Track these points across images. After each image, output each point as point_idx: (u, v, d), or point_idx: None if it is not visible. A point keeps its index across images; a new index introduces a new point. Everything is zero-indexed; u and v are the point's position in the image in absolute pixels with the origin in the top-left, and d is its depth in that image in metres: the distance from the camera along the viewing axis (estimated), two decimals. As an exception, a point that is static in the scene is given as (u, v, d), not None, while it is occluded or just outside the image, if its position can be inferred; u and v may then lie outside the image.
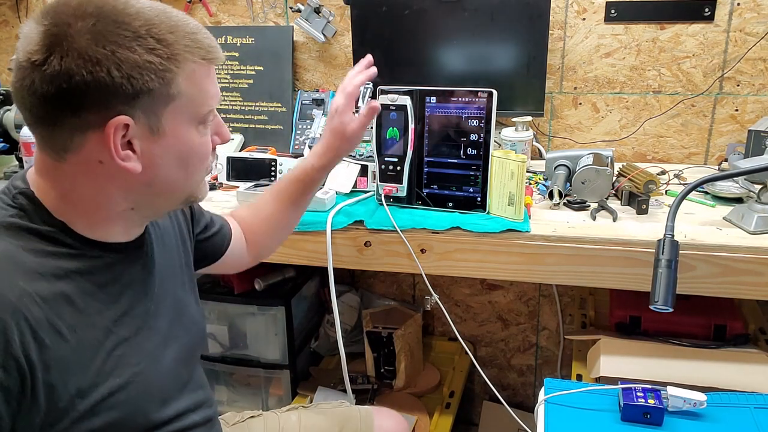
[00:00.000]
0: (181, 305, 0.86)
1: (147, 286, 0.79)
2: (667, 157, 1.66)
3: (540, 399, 1.00)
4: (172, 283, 0.85)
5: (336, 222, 1.25)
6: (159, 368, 0.78)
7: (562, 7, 1.61)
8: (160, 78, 0.66)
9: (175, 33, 0.67)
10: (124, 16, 0.65)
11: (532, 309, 1.89)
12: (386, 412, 1.22)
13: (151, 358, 0.76)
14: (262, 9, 1.83)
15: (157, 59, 0.65)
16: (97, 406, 0.69)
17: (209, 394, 0.92)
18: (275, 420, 1.14)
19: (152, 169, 0.70)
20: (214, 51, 0.72)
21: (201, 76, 0.70)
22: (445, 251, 1.21)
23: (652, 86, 1.61)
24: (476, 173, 1.26)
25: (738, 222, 1.16)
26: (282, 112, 1.82)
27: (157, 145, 0.69)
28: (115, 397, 0.70)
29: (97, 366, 0.69)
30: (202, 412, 0.87)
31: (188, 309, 0.88)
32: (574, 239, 1.15)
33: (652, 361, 1.19)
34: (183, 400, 0.83)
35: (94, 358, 0.69)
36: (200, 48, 0.70)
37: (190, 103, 0.70)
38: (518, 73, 1.58)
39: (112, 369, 0.71)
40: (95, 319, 0.70)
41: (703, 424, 0.93)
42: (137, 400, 0.73)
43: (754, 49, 1.52)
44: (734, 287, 1.11)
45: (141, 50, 0.64)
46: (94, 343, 0.70)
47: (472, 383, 1.99)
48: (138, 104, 0.66)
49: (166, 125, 0.69)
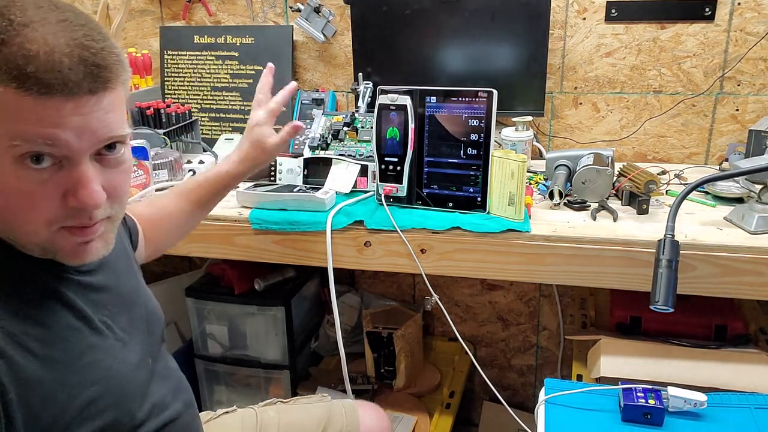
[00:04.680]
0: (134, 296, 0.83)
1: (101, 284, 0.76)
2: (668, 157, 1.66)
3: (540, 399, 1.00)
4: (125, 276, 0.83)
5: (336, 222, 1.25)
6: (129, 364, 0.76)
7: (563, 7, 1.61)
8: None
9: (1, 44, 0.56)
10: None
11: (533, 309, 1.89)
12: (368, 406, 1.21)
13: (120, 357, 0.74)
14: (261, 8, 1.83)
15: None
16: (79, 416, 0.66)
17: (180, 378, 0.90)
18: (252, 415, 1.12)
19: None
20: (42, 85, 0.56)
21: (8, 105, 0.57)
22: (445, 251, 1.21)
23: (653, 86, 1.61)
24: (476, 173, 1.26)
25: (738, 222, 1.16)
26: (282, 112, 1.81)
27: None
28: (96, 404, 0.68)
29: (72, 377, 0.67)
30: (181, 398, 0.87)
31: (140, 296, 0.85)
32: (574, 239, 1.15)
33: (652, 362, 1.19)
34: (158, 389, 0.82)
35: (66, 370, 0.66)
36: (18, 74, 0.56)
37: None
38: (518, 73, 1.57)
39: (87, 377, 0.68)
40: (59, 330, 0.67)
41: (703, 424, 0.93)
42: (119, 402, 0.72)
43: (755, 48, 1.52)
44: (735, 287, 1.10)
45: None
46: (63, 355, 0.66)
47: (472, 383, 1.99)
48: None
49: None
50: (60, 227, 0.64)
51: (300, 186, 1.38)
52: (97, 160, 0.64)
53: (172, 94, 1.89)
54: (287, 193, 1.32)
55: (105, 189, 0.64)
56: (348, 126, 1.52)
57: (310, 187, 1.36)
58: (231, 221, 1.31)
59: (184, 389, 0.89)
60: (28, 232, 0.63)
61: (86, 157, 0.62)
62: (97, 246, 0.67)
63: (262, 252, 1.32)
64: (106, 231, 0.68)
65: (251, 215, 1.29)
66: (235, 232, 1.31)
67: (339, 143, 1.53)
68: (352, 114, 1.54)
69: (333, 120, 1.56)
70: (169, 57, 1.88)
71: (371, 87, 1.61)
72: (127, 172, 0.69)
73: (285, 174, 1.44)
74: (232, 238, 1.32)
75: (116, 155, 0.65)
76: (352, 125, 1.52)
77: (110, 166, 0.65)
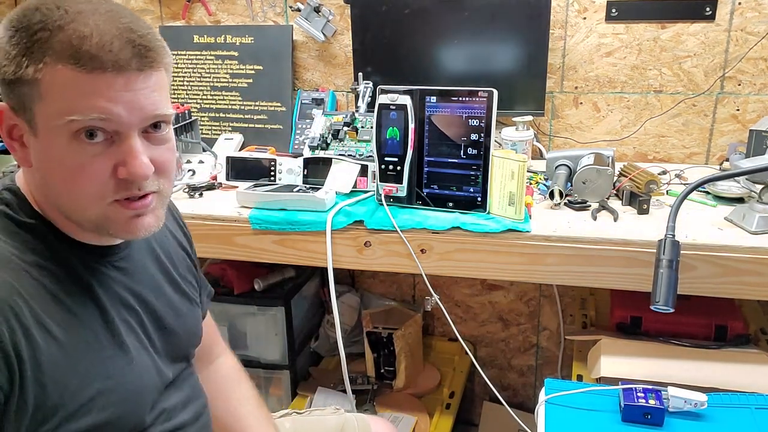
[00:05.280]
0: (168, 308, 0.85)
1: (128, 288, 0.78)
2: (668, 157, 1.66)
3: (540, 399, 1.00)
4: (161, 292, 0.85)
5: (336, 222, 1.25)
6: (144, 367, 0.78)
7: (563, 7, 1.60)
8: (19, 69, 0.63)
9: (58, 30, 0.63)
10: None
11: (533, 309, 1.89)
12: (380, 421, 1.21)
13: (136, 359, 0.76)
14: (261, 8, 1.82)
15: (15, 50, 0.63)
16: (86, 405, 0.68)
17: (195, 389, 0.91)
18: None
19: (40, 170, 0.68)
20: (95, 61, 0.63)
21: (65, 82, 0.63)
22: (445, 251, 1.21)
23: (653, 86, 1.61)
24: (476, 173, 1.26)
25: (739, 222, 1.16)
26: (282, 112, 1.82)
27: (38, 144, 0.67)
28: (105, 397, 0.70)
29: (87, 366, 0.69)
30: (192, 408, 0.87)
31: (176, 311, 0.87)
32: (574, 239, 1.15)
33: (652, 362, 1.18)
34: (170, 397, 0.83)
35: (83, 359, 0.69)
36: (74, 53, 0.62)
37: (56, 110, 0.64)
38: (519, 73, 1.57)
39: (101, 370, 0.70)
40: (83, 318, 0.70)
41: (703, 424, 0.93)
42: (128, 399, 0.73)
43: (756, 48, 1.52)
44: (735, 287, 1.10)
45: (5, 37, 0.64)
46: (83, 343, 0.69)
47: (472, 383, 1.98)
48: (9, 93, 0.66)
49: (40, 124, 0.66)
50: (112, 201, 0.68)
51: (300, 186, 1.38)
52: (144, 137, 0.69)
53: (171, 94, 1.89)
54: (287, 193, 1.32)
55: (153, 164, 0.69)
56: (348, 126, 1.52)
57: (310, 187, 1.36)
58: (231, 221, 1.31)
59: (196, 400, 0.90)
60: (84, 206, 0.68)
61: (135, 132, 0.67)
62: (148, 220, 0.71)
63: (261, 252, 1.31)
64: (156, 206, 0.72)
65: (251, 215, 1.29)
66: (235, 232, 1.31)
67: (339, 143, 1.52)
68: (352, 114, 1.54)
69: (333, 120, 1.56)
70: (168, 57, 1.88)
71: (371, 87, 1.61)
72: (171, 150, 0.73)
73: (285, 174, 1.44)
74: (232, 238, 1.32)
75: (161, 133, 0.71)
76: (352, 125, 1.52)
77: (156, 143, 0.70)
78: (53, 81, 0.63)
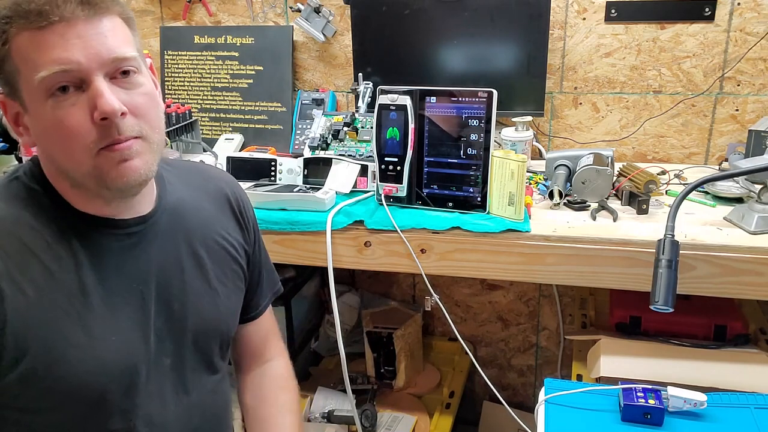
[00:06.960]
0: (180, 291, 0.84)
1: (135, 264, 0.79)
2: (668, 157, 1.66)
3: (540, 399, 1.00)
4: (180, 270, 0.84)
5: (336, 222, 1.25)
6: (127, 341, 0.77)
7: (562, 7, 1.61)
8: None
9: (8, 4, 0.69)
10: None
11: (533, 309, 1.89)
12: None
13: (119, 329, 0.76)
14: (261, 9, 1.83)
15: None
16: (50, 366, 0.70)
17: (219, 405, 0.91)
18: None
19: (40, 143, 0.74)
20: (43, 16, 0.68)
21: (26, 45, 0.69)
22: (445, 251, 1.21)
23: (653, 86, 1.61)
24: (476, 173, 1.26)
25: (738, 222, 1.16)
26: (282, 112, 1.82)
27: (31, 119, 0.72)
28: (66, 362, 0.72)
29: (54, 328, 0.71)
30: (197, 421, 0.87)
31: (193, 296, 0.86)
32: (574, 239, 1.15)
33: (652, 362, 1.19)
34: (158, 383, 0.82)
35: (51, 320, 0.71)
36: (21, 17, 0.68)
37: (29, 75, 0.69)
38: (518, 73, 1.57)
39: (71, 333, 0.72)
40: (62, 282, 0.72)
41: (703, 424, 0.93)
42: (89, 372, 0.73)
43: (755, 48, 1.52)
44: (735, 287, 1.10)
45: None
46: (54, 304, 0.71)
47: (472, 383, 1.99)
48: (2, 81, 0.72)
49: (27, 99, 0.71)
50: (99, 149, 0.71)
51: (300, 186, 1.39)
52: (114, 83, 0.72)
53: (172, 94, 1.90)
54: (287, 193, 1.32)
55: (127, 106, 0.72)
56: (348, 126, 1.52)
57: (310, 187, 1.36)
58: (231, 221, 1.31)
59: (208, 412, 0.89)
60: (78, 161, 0.71)
61: (98, 76, 0.70)
62: (136, 164, 0.73)
63: (262, 252, 1.32)
64: (142, 151, 0.74)
65: (251, 215, 1.29)
66: (235, 232, 1.31)
67: (339, 143, 1.53)
68: (352, 114, 1.54)
69: (333, 120, 1.56)
70: (169, 57, 1.89)
71: (371, 87, 1.61)
72: (148, 95, 0.75)
73: (285, 174, 1.44)
74: (232, 238, 1.32)
75: (131, 78, 0.73)
76: (352, 125, 1.52)
77: (127, 88, 0.73)
78: (19, 48, 0.69)
